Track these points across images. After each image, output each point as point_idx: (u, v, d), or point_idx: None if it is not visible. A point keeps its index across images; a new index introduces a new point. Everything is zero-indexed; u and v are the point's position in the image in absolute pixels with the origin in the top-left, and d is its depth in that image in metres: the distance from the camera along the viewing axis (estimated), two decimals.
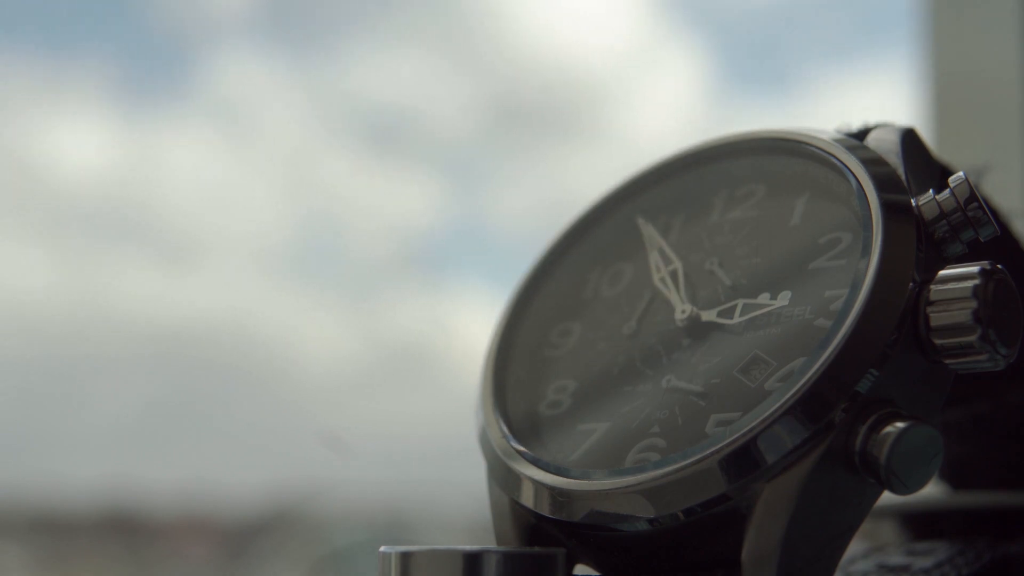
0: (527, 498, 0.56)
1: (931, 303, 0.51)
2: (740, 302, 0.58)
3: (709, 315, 0.58)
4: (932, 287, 0.52)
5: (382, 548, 0.54)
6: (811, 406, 0.50)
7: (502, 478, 0.58)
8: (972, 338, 0.51)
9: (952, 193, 0.54)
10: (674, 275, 0.61)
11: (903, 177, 0.56)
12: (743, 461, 0.50)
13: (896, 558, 0.64)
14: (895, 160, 0.57)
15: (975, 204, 0.53)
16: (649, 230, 0.64)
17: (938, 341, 0.51)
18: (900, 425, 0.50)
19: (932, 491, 0.68)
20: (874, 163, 0.56)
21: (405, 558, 0.53)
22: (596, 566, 0.56)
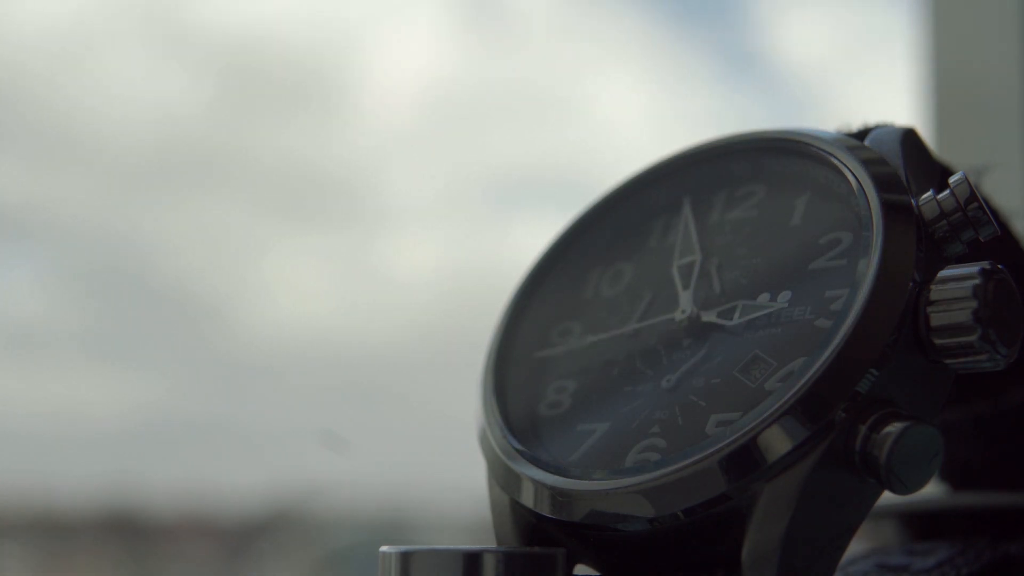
0: (527, 498, 0.56)
1: (931, 303, 0.51)
2: (740, 303, 0.58)
3: (709, 316, 0.58)
4: (932, 287, 0.52)
5: (382, 548, 0.54)
6: (811, 406, 0.50)
7: (502, 478, 0.58)
8: (972, 338, 0.51)
9: (952, 193, 0.54)
10: (690, 267, 0.61)
11: (903, 177, 0.56)
12: (743, 461, 0.50)
13: (896, 558, 0.64)
14: (895, 160, 0.57)
15: (975, 204, 0.53)
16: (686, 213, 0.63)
17: (938, 341, 0.51)
18: (900, 425, 0.50)
19: (932, 491, 0.68)
20: (874, 163, 0.56)
21: (405, 558, 0.53)
22: (596, 566, 0.56)
